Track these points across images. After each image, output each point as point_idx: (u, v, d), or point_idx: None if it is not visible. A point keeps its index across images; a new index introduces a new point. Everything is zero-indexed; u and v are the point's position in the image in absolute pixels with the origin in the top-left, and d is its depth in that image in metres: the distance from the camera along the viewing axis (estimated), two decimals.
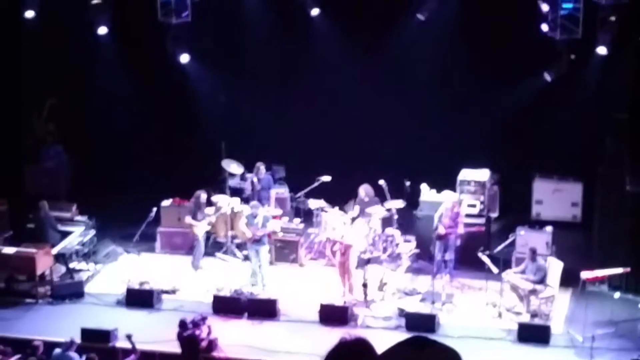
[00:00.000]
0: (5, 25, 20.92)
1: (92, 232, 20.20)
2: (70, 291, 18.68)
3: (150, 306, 18.13)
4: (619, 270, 17.60)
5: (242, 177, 21.51)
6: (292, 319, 17.64)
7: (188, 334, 15.89)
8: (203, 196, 19.82)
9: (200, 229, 19.65)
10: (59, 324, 17.38)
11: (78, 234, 19.92)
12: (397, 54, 21.34)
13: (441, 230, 18.64)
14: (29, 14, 20.12)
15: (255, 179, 20.77)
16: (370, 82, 21.57)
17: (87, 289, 18.91)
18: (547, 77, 19.88)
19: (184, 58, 21.06)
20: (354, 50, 21.58)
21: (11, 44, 22.09)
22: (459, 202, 18.93)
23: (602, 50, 19.08)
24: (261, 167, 20.74)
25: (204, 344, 16.06)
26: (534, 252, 17.74)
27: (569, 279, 17.86)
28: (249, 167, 21.00)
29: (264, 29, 21.97)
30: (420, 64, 21.18)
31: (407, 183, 20.05)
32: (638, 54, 17.89)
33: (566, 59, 19.33)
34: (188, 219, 19.67)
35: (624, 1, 18.20)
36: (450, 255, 18.71)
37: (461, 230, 18.61)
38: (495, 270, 17.60)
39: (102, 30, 20.43)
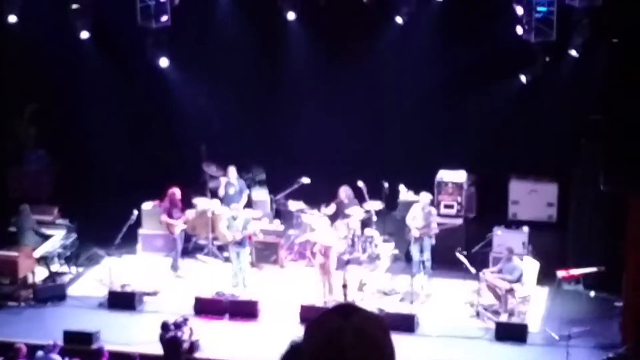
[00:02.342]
0: None
1: (74, 235, 20.23)
2: (52, 294, 18.78)
3: (132, 308, 18.25)
4: (594, 269, 17.86)
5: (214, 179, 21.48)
6: (273, 320, 17.80)
7: (170, 336, 16.00)
8: (177, 192, 19.90)
9: (178, 227, 19.76)
10: (42, 327, 17.47)
11: (60, 237, 19.97)
12: (374, 57, 21.45)
13: (415, 233, 18.86)
14: (12, 18, 20.13)
15: (226, 181, 20.77)
16: (348, 84, 21.68)
17: (70, 291, 19.00)
18: (523, 79, 20.12)
19: (164, 62, 21.11)
20: (332, 53, 21.73)
21: None
22: (429, 202, 19.16)
23: (575, 52, 19.36)
24: (231, 170, 20.76)
25: (186, 345, 16.17)
26: (510, 252, 17.98)
27: (545, 278, 18.13)
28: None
29: (243, 33, 22.05)
30: (397, 67, 21.32)
31: (386, 184, 20.23)
32: (611, 55, 18.09)
33: (541, 61, 19.54)
34: (164, 218, 19.76)
35: (597, 4, 18.45)
36: (427, 255, 18.95)
37: (435, 229, 18.86)
38: (472, 270, 17.84)
39: (84, 34, 20.47)
